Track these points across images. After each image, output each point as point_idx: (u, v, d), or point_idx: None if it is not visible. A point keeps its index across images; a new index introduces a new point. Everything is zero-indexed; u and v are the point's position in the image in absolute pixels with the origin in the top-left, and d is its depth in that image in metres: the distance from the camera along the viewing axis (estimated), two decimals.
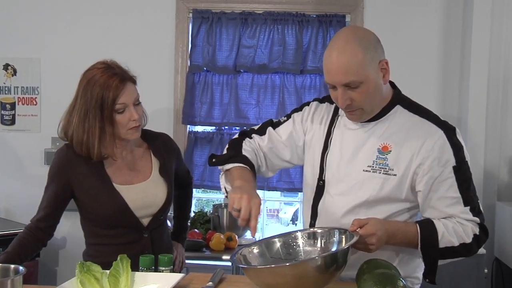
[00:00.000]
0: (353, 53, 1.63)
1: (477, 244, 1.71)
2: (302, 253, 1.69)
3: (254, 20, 3.56)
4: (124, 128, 1.92)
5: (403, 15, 3.55)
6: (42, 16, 3.70)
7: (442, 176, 1.68)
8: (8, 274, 1.48)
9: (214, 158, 1.92)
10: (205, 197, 4.04)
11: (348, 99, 1.67)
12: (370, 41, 1.68)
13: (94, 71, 1.92)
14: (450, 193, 1.69)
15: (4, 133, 3.76)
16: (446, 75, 3.55)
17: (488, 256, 3.14)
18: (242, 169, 1.81)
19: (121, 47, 3.57)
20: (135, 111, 1.92)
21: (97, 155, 1.92)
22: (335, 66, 1.65)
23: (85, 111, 1.89)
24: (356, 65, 1.63)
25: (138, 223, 1.98)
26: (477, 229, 1.70)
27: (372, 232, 1.58)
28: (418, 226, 1.69)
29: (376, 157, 1.73)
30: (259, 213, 1.61)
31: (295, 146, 1.92)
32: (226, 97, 3.61)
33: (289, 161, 1.96)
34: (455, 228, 1.68)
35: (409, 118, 1.75)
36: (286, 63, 3.55)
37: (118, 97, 1.88)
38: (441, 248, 1.67)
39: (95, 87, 1.87)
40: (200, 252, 3.10)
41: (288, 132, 1.92)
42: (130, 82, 1.94)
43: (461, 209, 1.69)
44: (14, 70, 3.73)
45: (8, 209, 3.74)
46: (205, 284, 1.68)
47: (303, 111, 1.95)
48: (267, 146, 1.93)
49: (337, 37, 1.70)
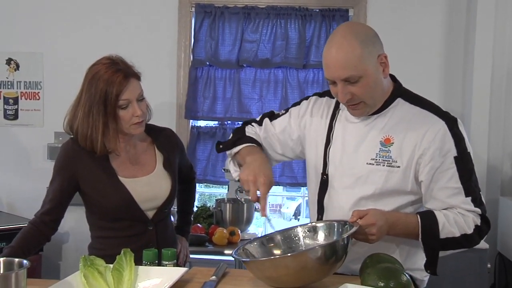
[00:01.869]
0: (351, 48, 1.64)
1: (479, 235, 1.70)
2: (303, 247, 1.69)
3: (257, 15, 3.56)
4: (127, 124, 1.93)
5: (407, 9, 3.54)
6: (45, 10, 3.70)
7: (443, 167, 1.69)
8: (12, 268, 1.49)
9: (221, 145, 1.97)
10: (208, 192, 4.04)
11: (349, 93, 1.68)
12: (368, 35, 1.69)
13: (99, 66, 1.92)
14: (451, 183, 1.69)
15: (7, 128, 3.76)
16: (449, 70, 3.54)
17: (491, 251, 3.14)
18: (250, 146, 1.87)
19: (124, 42, 3.57)
20: (138, 107, 1.93)
21: (101, 149, 1.93)
22: (333, 61, 1.66)
23: (89, 106, 1.90)
24: (354, 60, 1.64)
25: (143, 216, 1.99)
26: (478, 220, 1.70)
27: (373, 222, 1.59)
28: (419, 217, 1.69)
29: (379, 149, 1.73)
30: (268, 191, 1.67)
31: (288, 140, 1.94)
32: (228, 91, 3.61)
33: (283, 154, 1.98)
34: (456, 219, 1.68)
35: (410, 110, 1.76)
36: (289, 57, 3.54)
37: (122, 93, 1.89)
38: (442, 239, 1.67)
39: (99, 83, 1.88)
40: (203, 246, 3.11)
41: (282, 126, 1.95)
42: (134, 78, 1.94)
43: (463, 199, 1.69)
44: (17, 65, 3.72)
45: (11, 204, 3.75)
46: (208, 278, 1.68)
47: (301, 105, 1.97)
48: (263, 136, 1.96)
49: (335, 32, 1.72)
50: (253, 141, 1.90)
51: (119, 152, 1.98)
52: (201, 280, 1.69)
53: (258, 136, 1.96)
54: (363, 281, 1.46)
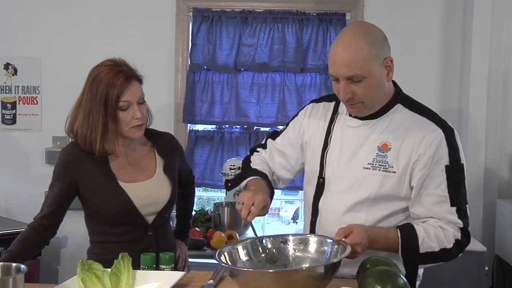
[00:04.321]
0: (359, 48, 1.64)
1: (458, 248, 1.71)
2: (291, 258, 1.67)
3: (254, 19, 3.56)
4: (127, 126, 1.93)
5: (403, 12, 3.55)
6: (43, 15, 3.71)
7: (433, 173, 1.69)
8: (10, 273, 1.49)
9: (229, 183, 2.01)
10: (206, 196, 4.04)
11: (350, 92, 1.69)
12: (377, 37, 1.69)
13: (101, 67, 1.94)
14: (438, 191, 1.70)
15: (5, 133, 3.76)
16: (446, 72, 3.55)
17: (488, 254, 3.14)
18: (255, 179, 1.90)
19: (122, 46, 3.56)
20: (139, 109, 1.93)
21: (100, 150, 1.93)
22: (339, 59, 1.66)
23: (90, 107, 1.91)
24: (361, 60, 1.64)
25: (143, 221, 1.99)
26: (458, 234, 1.70)
27: (358, 241, 1.59)
28: (399, 231, 1.69)
29: (376, 154, 1.74)
30: (261, 208, 1.67)
31: (291, 151, 1.96)
32: (226, 95, 3.61)
33: (292, 169, 1.99)
34: (437, 233, 1.68)
35: (409, 117, 1.76)
36: (287, 61, 3.55)
37: (122, 95, 1.90)
38: (421, 254, 1.68)
39: (101, 84, 1.89)
40: (201, 250, 3.10)
41: (284, 140, 1.98)
42: (136, 81, 1.95)
43: (447, 208, 1.70)
44: (14, 70, 3.73)
45: (9, 208, 3.74)
46: (206, 282, 1.68)
47: (298, 115, 1.99)
48: (269, 158, 1.99)
49: (345, 30, 1.72)
50: (258, 173, 1.92)
51: (118, 154, 1.98)
52: (198, 284, 1.69)
53: (265, 162, 1.98)
54: (359, 284, 1.46)
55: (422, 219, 1.73)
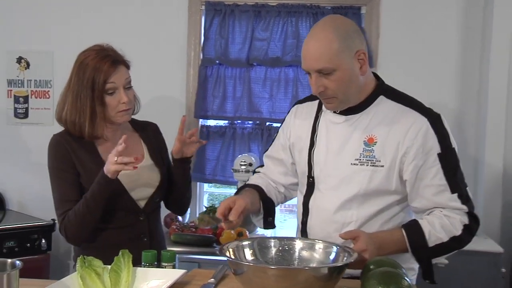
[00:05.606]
0: (327, 41, 1.64)
1: (469, 233, 1.69)
2: (296, 261, 1.65)
3: (267, 13, 3.51)
4: (114, 111, 1.96)
5: (421, 7, 3.46)
6: (55, 9, 3.71)
7: (426, 164, 1.68)
8: (5, 269, 1.47)
9: None
10: (217, 192, 4.00)
11: (321, 86, 1.68)
12: (348, 30, 1.68)
13: (88, 52, 1.98)
14: (436, 181, 1.68)
15: (17, 127, 3.77)
16: (465, 71, 3.44)
17: (506, 255, 3.06)
18: (245, 190, 1.92)
19: (134, 40, 3.54)
20: (125, 94, 1.96)
21: (89, 134, 1.95)
22: (309, 53, 1.68)
23: (78, 91, 1.94)
24: (329, 53, 1.64)
25: (135, 206, 2.01)
26: (466, 218, 1.68)
27: (364, 248, 1.58)
28: (404, 230, 1.68)
29: (363, 149, 1.73)
30: (239, 213, 1.68)
31: (284, 156, 1.97)
32: (238, 90, 3.56)
33: (292, 174, 1.98)
34: (442, 223, 1.67)
35: (392, 108, 1.75)
36: (300, 56, 3.47)
37: (109, 79, 1.92)
38: (431, 247, 1.67)
39: (88, 68, 1.93)
40: (211, 247, 3.08)
41: (277, 147, 2.00)
42: (123, 66, 1.98)
43: (449, 196, 1.68)
44: (27, 63, 3.73)
45: (21, 202, 3.76)
46: (207, 280, 1.65)
47: (285, 120, 2.00)
48: (269, 171, 2.02)
49: (317, 24, 1.74)
50: (250, 186, 1.95)
51: (107, 137, 2.00)
52: (199, 282, 1.67)
53: (262, 177, 2.01)
54: (362, 285, 1.42)
55: (426, 211, 1.72)
